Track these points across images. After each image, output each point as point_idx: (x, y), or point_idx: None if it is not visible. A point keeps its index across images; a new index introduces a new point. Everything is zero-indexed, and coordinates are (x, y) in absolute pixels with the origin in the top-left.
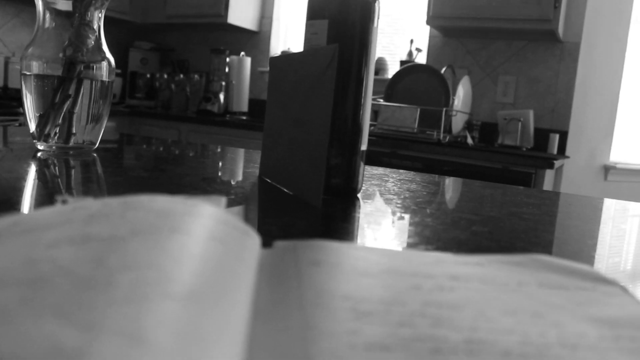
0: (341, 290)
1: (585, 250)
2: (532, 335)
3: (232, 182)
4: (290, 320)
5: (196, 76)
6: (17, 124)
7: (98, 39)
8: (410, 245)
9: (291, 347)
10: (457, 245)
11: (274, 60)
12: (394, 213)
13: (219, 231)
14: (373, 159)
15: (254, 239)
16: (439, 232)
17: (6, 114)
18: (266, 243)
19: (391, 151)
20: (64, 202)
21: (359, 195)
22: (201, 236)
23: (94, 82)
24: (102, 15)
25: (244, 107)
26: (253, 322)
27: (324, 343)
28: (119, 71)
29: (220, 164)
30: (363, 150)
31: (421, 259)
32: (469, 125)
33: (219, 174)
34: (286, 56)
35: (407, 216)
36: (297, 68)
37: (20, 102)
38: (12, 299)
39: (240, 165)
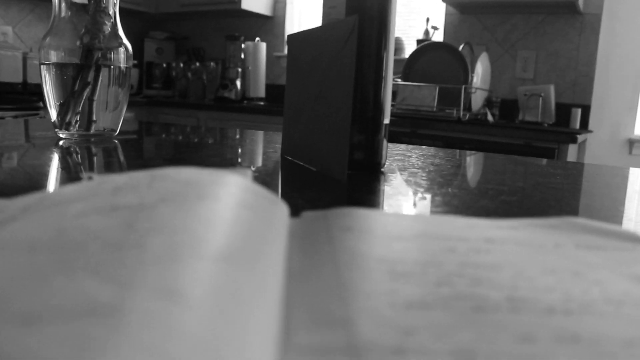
0: (375, 254)
1: (617, 215)
2: (575, 292)
3: (255, 162)
4: (326, 281)
5: (212, 64)
6: (38, 118)
7: (114, 25)
8: (439, 214)
9: (330, 307)
10: (486, 214)
11: (293, 37)
12: (419, 185)
13: (248, 199)
14: (393, 139)
15: (283, 208)
16: (467, 201)
17: (27, 109)
18: (294, 213)
19: (411, 131)
20: (90, 178)
21: (383, 169)
22: (230, 203)
23: (112, 69)
24: (117, 1)
25: (261, 93)
26: (288, 284)
27: (363, 302)
28: (135, 62)
29: (241, 145)
30: (386, 124)
31: (453, 223)
32: (488, 103)
33: (241, 154)
34: (305, 32)
35: (433, 187)
36: (316, 43)
37: (40, 97)
38: (45, 262)
39: (262, 146)
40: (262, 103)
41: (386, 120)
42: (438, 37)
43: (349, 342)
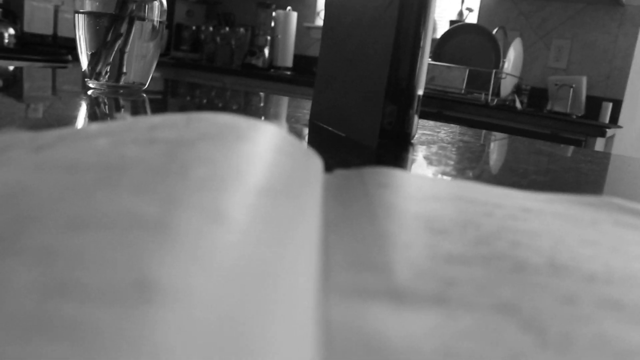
0: (412, 210)
1: None
2: (615, 264)
3: (283, 125)
4: (363, 231)
5: (242, 30)
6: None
7: None
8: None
9: (369, 255)
10: (519, 188)
11: (331, 1)
12: (449, 157)
13: (285, 146)
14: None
15: (317, 161)
16: (498, 177)
17: (56, 61)
18: (327, 169)
19: (437, 111)
20: (123, 118)
21: (412, 141)
22: (268, 148)
23: (145, 22)
24: None
25: (289, 63)
26: (325, 231)
27: (402, 252)
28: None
29: (269, 108)
30: (419, 95)
31: (489, 191)
32: (517, 89)
33: (270, 116)
34: None
35: (463, 161)
36: (355, 8)
37: (69, 50)
38: (86, 180)
39: (291, 110)
40: (289, 73)
41: (420, 92)
42: (472, 19)
43: (390, 286)
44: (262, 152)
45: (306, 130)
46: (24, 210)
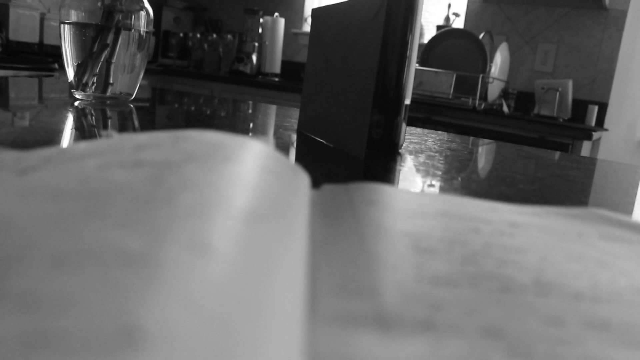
0: (399, 228)
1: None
2: (602, 281)
3: (270, 135)
4: (350, 251)
5: (229, 36)
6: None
7: None
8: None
9: (356, 277)
10: (505, 200)
11: (317, 11)
12: (437, 167)
13: (271, 165)
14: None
15: (304, 178)
16: (485, 187)
17: (42, 69)
18: (314, 185)
19: (425, 117)
20: (109, 136)
21: (400, 150)
22: (255, 167)
23: (131, 32)
24: None
25: (277, 69)
26: (312, 252)
27: (389, 274)
28: (152, 30)
29: (256, 117)
30: (406, 105)
31: (476, 206)
32: (505, 94)
33: (257, 126)
34: (330, 6)
35: (451, 171)
36: (342, 18)
37: (55, 58)
38: (71, 210)
39: (278, 119)
40: (277, 79)
41: (407, 101)
42: (458, 24)
43: (377, 313)
44: (249, 173)
45: (294, 141)
46: (7, 248)
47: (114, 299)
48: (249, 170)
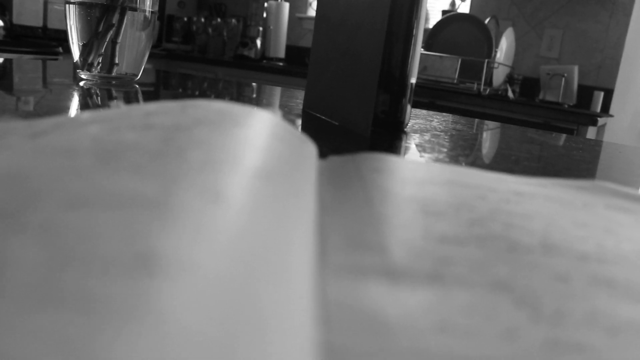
0: (407, 193)
1: None
2: (607, 245)
3: (278, 113)
4: (358, 212)
5: (233, 20)
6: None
7: None
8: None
9: (364, 236)
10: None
11: None
12: (442, 145)
13: (280, 132)
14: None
15: (311, 147)
16: (490, 164)
17: (46, 53)
18: (322, 156)
19: (429, 101)
20: (118, 107)
21: (405, 129)
22: (263, 133)
23: (137, 12)
24: None
25: (281, 53)
26: (320, 213)
27: (397, 232)
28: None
29: (262, 97)
30: (412, 83)
31: (482, 176)
32: (510, 79)
33: (263, 105)
34: None
35: (456, 148)
36: None
37: (59, 42)
38: (84, 164)
39: (284, 100)
40: (281, 64)
41: (412, 80)
42: (464, 9)
43: (386, 265)
44: (258, 138)
45: (299, 119)
46: (25, 189)
47: (132, 230)
48: (257, 135)
